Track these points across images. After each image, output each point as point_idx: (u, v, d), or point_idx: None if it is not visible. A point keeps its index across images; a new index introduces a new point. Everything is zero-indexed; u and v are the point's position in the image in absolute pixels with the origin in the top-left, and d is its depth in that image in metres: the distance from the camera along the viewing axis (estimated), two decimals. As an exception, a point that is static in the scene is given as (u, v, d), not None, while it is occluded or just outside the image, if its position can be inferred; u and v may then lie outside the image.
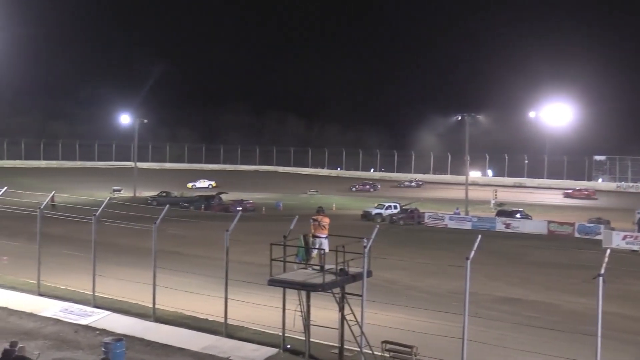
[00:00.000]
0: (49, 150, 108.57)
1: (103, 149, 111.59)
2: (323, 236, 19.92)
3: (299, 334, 19.98)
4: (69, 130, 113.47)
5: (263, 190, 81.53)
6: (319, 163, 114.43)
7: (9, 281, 28.62)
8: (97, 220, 25.95)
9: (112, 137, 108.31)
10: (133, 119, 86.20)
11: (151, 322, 23.48)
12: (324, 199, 73.32)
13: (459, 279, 18.52)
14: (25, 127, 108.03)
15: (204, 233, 39.12)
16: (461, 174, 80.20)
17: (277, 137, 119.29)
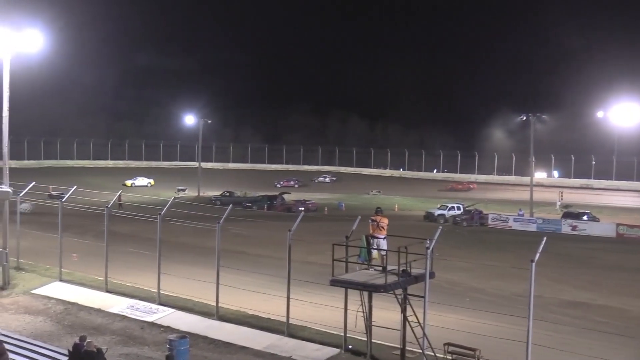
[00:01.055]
0: (116, 150, 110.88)
1: (168, 149, 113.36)
2: (381, 237, 19.86)
3: (361, 335, 19.94)
4: (135, 130, 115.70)
5: (325, 191, 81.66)
6: (382, 163, 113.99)
7: (79, 278, 29.35)
8: (162, 219, 26.41)
9: (177, 138, 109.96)
10: (197, 120, 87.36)
11: (214, 321, 23.76)
12: (386, 200, 73.05)
13: (524, 281, 18.22)
14: (93, 128, 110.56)
15: (266, 233, 39.39)
16: (526, 175, 78.86)
17: (340, 138, 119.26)
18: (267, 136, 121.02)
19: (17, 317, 25.23)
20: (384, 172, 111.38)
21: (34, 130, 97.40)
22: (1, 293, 28.36)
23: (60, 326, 24.12)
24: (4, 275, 29.13)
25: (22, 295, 27.88)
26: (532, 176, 67.86)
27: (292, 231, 22.39)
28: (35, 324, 24.37)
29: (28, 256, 31.78)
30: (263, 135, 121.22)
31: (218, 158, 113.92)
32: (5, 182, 30.45)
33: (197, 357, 20.60)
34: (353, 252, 19.70)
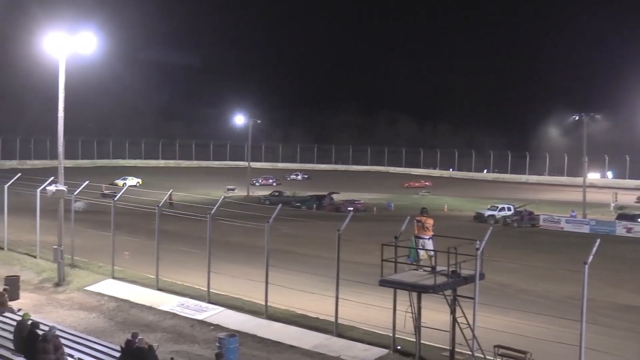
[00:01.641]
0: (167, 150, 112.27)
1: (218, 149, 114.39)
2: (426, 237, 19.77)
3: (410, 335, 19.85)
4: (185, 130, 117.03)
5: (374, 191, 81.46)
6: (431, 163, 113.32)
7: (130, 275, 29.81)
8: (212, 219, 26.67)
9: (226, 138, 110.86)
10: (247, 120, 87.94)
11: (263, 320, 23.90)
12: (435, 200, 72.58)
13: (575, 284, 17.93)
14: (145, 128, 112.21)
15: (315, 232, 39.45)
16: (578, 176, 77.51)
17: (389, 138, 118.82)
18: (316, 136, 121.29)
19: (72, 312, 25.77)
20: (433, 172, 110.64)
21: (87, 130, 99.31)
22: (57, 289, 29.00)
23: (113, 323, 24.55)
24: (59, 272, 29.77)
25: (76, 291, 28.46)
26: (585, 177, 66.66)
27: (341, 231, 22.41)
28: (89, 320, 24.85)
29: (82, 254, 32.40)
30: (312, 135, 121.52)
31: (267, 158, 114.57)
32: (60, 181, 31.08)
33: (246, 356, 20.76)
34: (402, 253, 19.63)
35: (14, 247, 34.52)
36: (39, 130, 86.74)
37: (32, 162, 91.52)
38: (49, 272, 30.67)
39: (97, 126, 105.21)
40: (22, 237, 35.82)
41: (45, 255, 32.09)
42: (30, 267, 31.63)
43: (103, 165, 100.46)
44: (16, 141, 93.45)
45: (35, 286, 29.44)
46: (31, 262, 32.38)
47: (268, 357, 21.04)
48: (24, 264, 32.19)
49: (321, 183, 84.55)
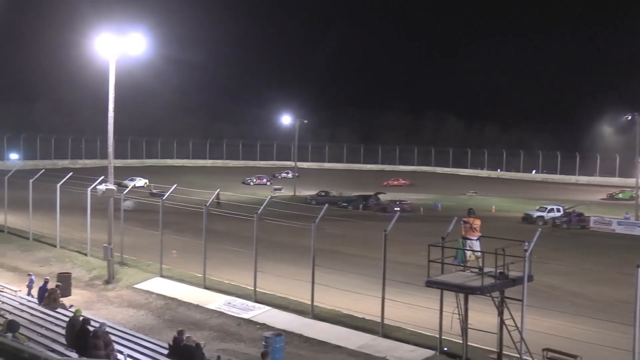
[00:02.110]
0: (214, 150, 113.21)
1: (265, 148, 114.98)
2: (474, 238, 19.57)
3: (456, 337, 19.69)
4: (232, 130, 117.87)
5: (421, 191, 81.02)
6: (479, 164, 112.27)
7: (178, 274, 30.15)
8: (259, 218, 26.82)
9: (273, 137, 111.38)
10: (294, 120, 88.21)
11: (309, 319, 23.95)
12: (483, 201, 71.86)
13: (628, 287, 17.60)
14: (192, 128, 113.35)
15: (361, 232, 39.39)
16: (631, 177, 75.94)
17: (436, 138, 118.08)
18: (362, 136, 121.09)
19: (121, 310, 26.17)
20: (481, 172, 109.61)
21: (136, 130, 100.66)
22: (106, 287, 29.49)
23: (161, 320, 24.87)
24: (109, 270, 30.26)
25: (125, 289, 28.90)
26: (637, 178, 65.25)
27: (388, 231, 22.35)
28: (138, 317, 25.21)
29: (131, 252, 32.88)
30: (359, 135, 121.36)
31: (314, 158, 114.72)
32: (110, 180, 31.59)
33: (291, 355, 20.82)
34: (449, 253, 19.48)
35: (65, 244, 35.20)
36: (90, 130, 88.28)
37: (83, 162, 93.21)
38: (99, 270, 31.20)
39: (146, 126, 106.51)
40: (74, 235, 36.49)
41: (96, 253, 32.65)
42: (81, 265, 32.22)
43: (152, 164, 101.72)
44: (68, 141, 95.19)
45: (86, 283, 29.99)
46: (82, 259, 32.97)
47: (314, 356, 21.07)
48: (75, 261, 32.80)
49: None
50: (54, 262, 32.73)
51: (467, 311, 19.06)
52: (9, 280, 29.42)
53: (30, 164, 77.08)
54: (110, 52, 30.37)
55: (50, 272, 29.44)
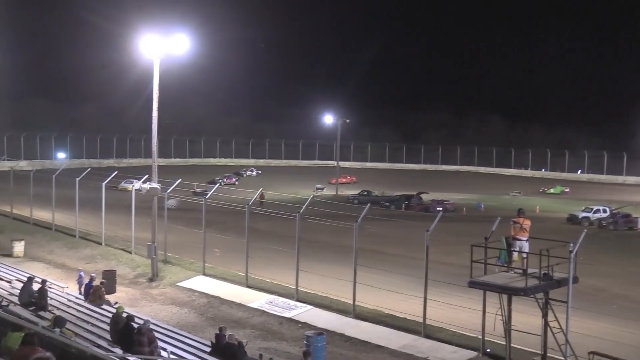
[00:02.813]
0: (257, 149, 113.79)
1: (307, 148, 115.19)
2: (524, 239, 19.29)
3: (499, 338, 19.49)
4: (275, 130, 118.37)
5: (464, 191, 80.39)
6: (522, 164, 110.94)
7: (220, 272, 30.37)
8: (301, 217, 26.88)
9: (315, 137, 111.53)
10: (336, 119, 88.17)
11: (351, 319, 23.94)
12: (527, 201, 71.02)
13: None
14: (235, 128, 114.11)
15: (404, 232, 39.23)
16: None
17: (479, 137, 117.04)
18: (405, 135, 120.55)
19: (165, 307, 26.46)
20: (525, 172, 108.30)
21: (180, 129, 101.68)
22: (150, 284, 29.85)
23: (204, 318, 25.08)
24: (153, 268, 30.62)
25: (169, 287, 29.21)
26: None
27: (430, 231, 22.23)
28: (181, 315, 25.47)
29: (174, 250, 33.22)
30: (401, 135, 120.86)
31: (356, 157, 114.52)
32: (154, 179, 31.95)
33: (333, 354, 20.83)
34: (492, 254, 19.29)
35: (110, 242, 35.70)
36: (135, 129, 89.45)
37: (127, 161, 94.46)
38: (143, 268, 31.59)
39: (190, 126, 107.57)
40: (118, 233, 37.01)
41: (140, 251, 33.07)
42: (125, 262, 32.65)
43: (195, 164, 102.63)
44: (113, 140, 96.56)
45: (131, 281, 30.39)
46: (127, 257, 33.41)
47: (355, 356, 21.06)
48: (120, 259, 33.26)
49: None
50: (99, 260, 33.24)
51: (510, 312, 18.85)
52: (57, 276, 29.99)
53: (77, 163, 78.36)
54: (154, 52, 30.73)
55: (96, 270, 29.90)
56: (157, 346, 17.93)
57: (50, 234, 37.94)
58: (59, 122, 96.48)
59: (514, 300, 18.82)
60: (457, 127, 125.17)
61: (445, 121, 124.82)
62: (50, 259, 34.08)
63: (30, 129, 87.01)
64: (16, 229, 39.08)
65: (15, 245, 34.03)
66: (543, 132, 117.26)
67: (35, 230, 38.88)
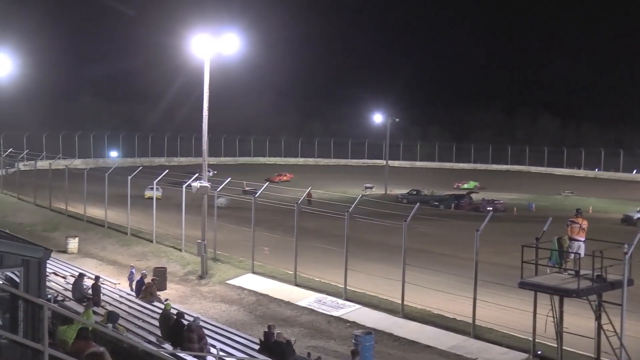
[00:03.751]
0: (306, 148, 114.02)
1: (356, 147, 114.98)
2: (582, 239, 18.95)
3: (550, 341, 19.20)
4: (324, 129, 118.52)
5: (515, 191, 79.35)
6: (575, 163, 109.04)
7: (269, 270, 30.53)
8: (350, 216, 26.86)
9: (364, 136, 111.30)
10: (385, 118, 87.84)
11: (399, 318, 23.85)
12: (579, 201, 69.79)
13: None
14: (284, 126, 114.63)
15: (453, 232, 38.90)
16: None
17: (530, 136, 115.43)
18: (455, 134, 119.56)
19: (214, 305, 26.72)
20: (577, 172, 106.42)
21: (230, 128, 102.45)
22: (200, 282, 30.17)
23: (253, 316, 25.26)
24: (203, 266, 30.93)
25: (218, 284, 29.48)
26: None
27: (480, 231, 22.01)
28: (230, 313, 25.69)
29: (223, 248, 33.49)
30: (451, 134, 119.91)
31: (405, 156, 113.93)
32: (204, 177, 32.26)
33: (381, 354, 20.79)
34: (543, 255, 19.00)
35: (161, 240, 36.16)
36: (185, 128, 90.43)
37: (178, 159, 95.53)
38: (193, 265, 31.93)
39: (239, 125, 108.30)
40: (169, 230, 37.47)
41: (190, 249, 33.43)
42: (176, 260, 33.04)
43: (244, 162, 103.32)
44: (164, 139, 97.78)
45: (181, 278, 30.75)
46: (177, 254, 33.81)
47: (404, 356, 20.97)
48: (170, 256, 33.67)
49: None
50: (150, 257, 33.71)
51: (562, 314, 18.55)
52: (109, 273, 30.52)
53: (129, 162, 79.61)
54: (205, 52, 31.01)
55: (147, 267, 30.35)
56: (206, 343, 18.10)
57: (103, 231, 38.61)
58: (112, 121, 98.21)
59: (566, 302, 18.52)
60: (508, 126, 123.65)
61: (496, 120, 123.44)
62: (103, 255, 34.69)
63: (84, 128, 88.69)
64: (71, 226, 39.90)
65: (70, 242, 34.71)
66: (597, 130, 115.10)
67: (88, 227, 39.62)
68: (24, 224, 40.95)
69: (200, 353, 17.07)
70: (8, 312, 10.67)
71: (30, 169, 51.20)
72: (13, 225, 37.89)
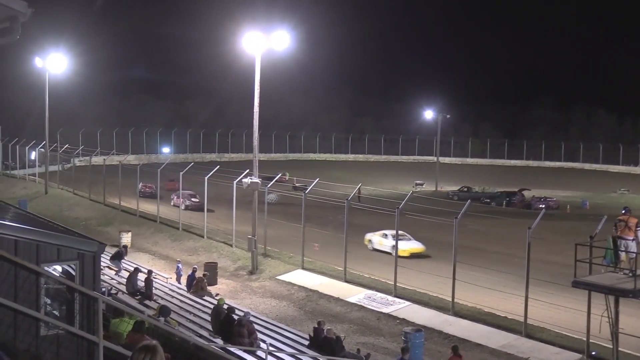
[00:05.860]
0: (356, 144, 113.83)
1: (406, 143, 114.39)
2: (630, 238, 18.54)
3: (606, 341, 18.84)
4: (374, 125, 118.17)
5: (568, 188, 78.08)
6: (632, 160, 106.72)
7: (319, 266, 30.58)
8: (400, 213, 26.75)
9: (415, 132, 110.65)
10: (436, 115, 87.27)
11: (450, 316, 23.67)
12: (636, 199, 68.34)
13: None
14: (335, 123, 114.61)
15: (505, 230, 38.44)
16: None
17: (585, 133, 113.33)
18: (506, 131, 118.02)
19: (264, 300, 26.89)
20: (634, 169, 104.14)
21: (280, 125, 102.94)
22: (250, 277, 30.39)
23: (302, 312, 25.34)
24: (253, 261, 31.15)
25: (268, 280, 29.65)
26: None
27: (532, 229, 21.71)
28: (280, 308, 25.82)
29: (273, 244, 33.66)
30: (503, 130, 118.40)
31: (456, 153, 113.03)
32: (255, 173, 32.46)
33: (431, 351, 20.68)
34: (597, 253, 18.64)
35: (212, 235, 36.51)
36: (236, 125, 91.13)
37: (229, 155, 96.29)
38: (243, 261, 32.17)
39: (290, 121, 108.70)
40: (220, 226, 37.81)
41: (240, 244, 33.68)
42: (226, 255, 33.33)
43: (295, 159, 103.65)
44: (215, 135, 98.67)
45: (231, 273, 31.02)
46: (228, 250, 34.10)
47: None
48: (221, 251, 33.98)
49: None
50: (201, 252, 34.08)
51: (617, 314, 18.17)
52: (161, 267, 30.96)
53: (181, 158, 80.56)
54: (256, 48, 31.19)
55: (198, 262, 30.70)
56: (256, 338, 18.24)
57: (155, 226, 39.15)
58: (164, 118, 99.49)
59: (622, 302, 18.14)
60: (562, 123, 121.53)
61: (549, 117, 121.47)
62: (155, 250, 35.19)
63: (137, 124, 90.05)
64: (124, 221, 40.58)
65: (123, 237, 35.27)
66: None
67: (141, 222, 40.23)
68: (79, 219, 41.82)
69: (250, 348, 17.21)
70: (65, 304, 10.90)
71: (85, 165, 52.26)
72: (69, 220, 38.69)
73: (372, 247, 34.67)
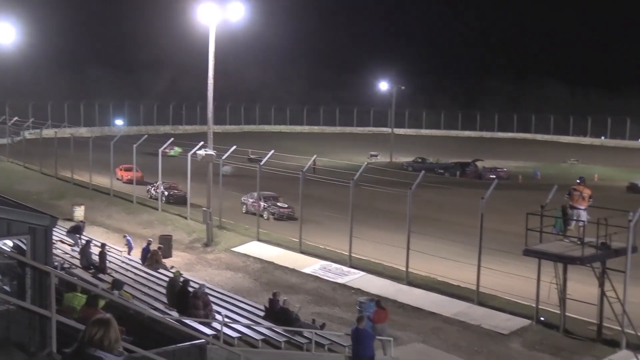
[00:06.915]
0: (312, 116, 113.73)
1: (361, 115, 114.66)
2: (582, 208, 18.96)
3: (554, 307, 19.35)
4: (330, 97, 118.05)
5: (520, 158, 79.29)
6: (581, 131, 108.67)
7: (275, 238, 30.66)
8: (355, 184, 26.90)
9: (370, 104, 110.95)
10: (391, 86, 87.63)
11: (404, 285, 23.99)
12: (585, 169, 69.67)
13: None
14: (291, 94, 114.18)
15: (458, 200, 38.95)
16: None
17: (537, 104, 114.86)
18: (461, 102, 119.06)
19: (220, 272, 26.90)
20: (583, 140, 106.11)
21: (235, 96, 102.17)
22: (205, 249, 30.33)
23: (258, 283, 25.43)
24: (208, 233, 31.08)
25: (223, 252, 29.64)
26: None
27: (485, 199, 22.04)
28: (236, 280, 25.87)
29: (229, 216, 33.60)
30: (457, 102, 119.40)
31: (411, 124, 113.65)
32: (210, 145, 32.27)
33: (386, 320, 20.92)
34: (548, 222, 19.03)
35: (167, 208, 36.29)
36: (191, 96, 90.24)
37: (183, 128, 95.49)
38: (198, 233, 32.07)
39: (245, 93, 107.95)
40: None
41: (195, 217, 33.53)
42: (181, 228, 33.18)
43: (250, 131, 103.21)
44: (169, 107, 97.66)
45: (186, 246, 30.91)
46: (183, 222, 33.95)
47: (408, 322, 21.12)
48: (176, 224, 33.81)
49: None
50: (156, 225, 33.86)
51: (565, 281, 18.66)
52: (115, 241, 30.68)
53: (134, 130, 79.59)
54: (211, 19, 30.85)
55: (153, 234, 30.51)
56: (212, 309, 18.27)
57: (109, 199, 38.73)
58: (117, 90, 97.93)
59: (570, 269, 18.62)
60: (514, 94, 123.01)
61: (502, 88, 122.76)
62: (109, 223, 34.85)
63: (89, 96, 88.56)
64: (77, 194, 40.02)
65: (76, 210, 34.82)
66: (604, 98, 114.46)
67: (94, 195, 39.73)
68: (30, 192, 41.08)
69: (206, 319, 17.24)
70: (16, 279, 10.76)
71: (36, 138, 51.28)
72: (20, 194, 37.97)
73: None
